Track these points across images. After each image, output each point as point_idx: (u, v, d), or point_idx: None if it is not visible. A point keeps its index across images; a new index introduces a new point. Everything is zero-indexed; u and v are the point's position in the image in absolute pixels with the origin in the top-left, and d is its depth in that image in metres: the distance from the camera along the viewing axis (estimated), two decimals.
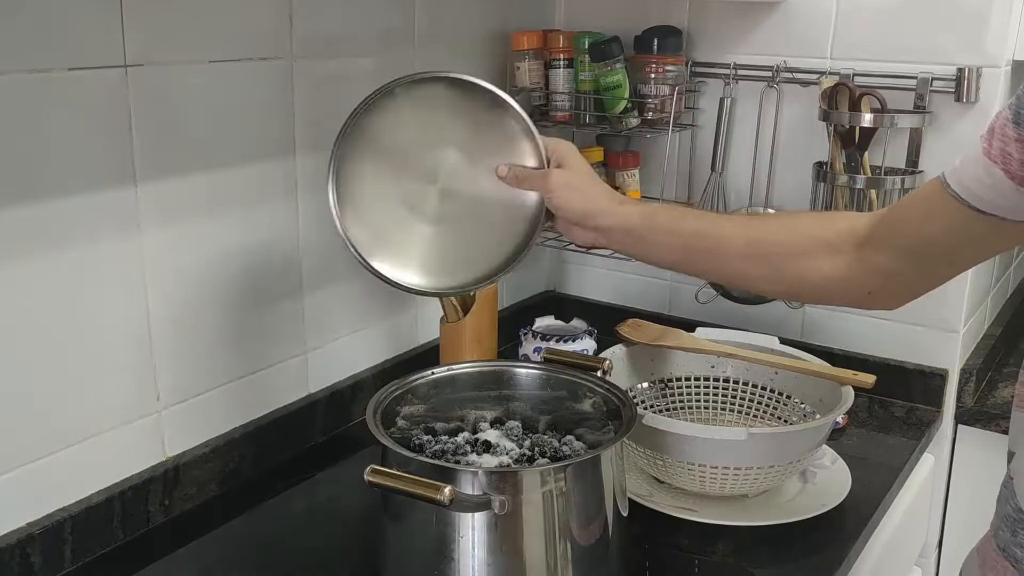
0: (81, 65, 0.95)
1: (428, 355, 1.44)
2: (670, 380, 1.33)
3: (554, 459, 1.02)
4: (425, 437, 1.05)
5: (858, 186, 1.39)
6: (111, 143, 1.00)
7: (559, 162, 1.06)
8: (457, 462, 1.01)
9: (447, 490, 0.82)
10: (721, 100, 1.54)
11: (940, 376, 1.47)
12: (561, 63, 1.52)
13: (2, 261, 0.92)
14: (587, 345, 1.49)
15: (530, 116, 1.07)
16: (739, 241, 0.99)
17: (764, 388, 1.29)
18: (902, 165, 1.42)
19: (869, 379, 1.19)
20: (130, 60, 0.99)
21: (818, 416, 1.20)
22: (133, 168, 1.02)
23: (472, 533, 0.89)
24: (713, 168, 1.57)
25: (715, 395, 1.32)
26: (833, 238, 0.96)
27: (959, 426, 1.50)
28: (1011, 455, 0.94)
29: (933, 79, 1.37)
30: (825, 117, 1.41)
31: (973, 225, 0.88)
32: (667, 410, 1.32)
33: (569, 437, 1.06)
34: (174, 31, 1.04)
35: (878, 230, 0.94)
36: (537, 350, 1.47)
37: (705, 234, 1.00)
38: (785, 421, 1.26)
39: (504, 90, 1.54)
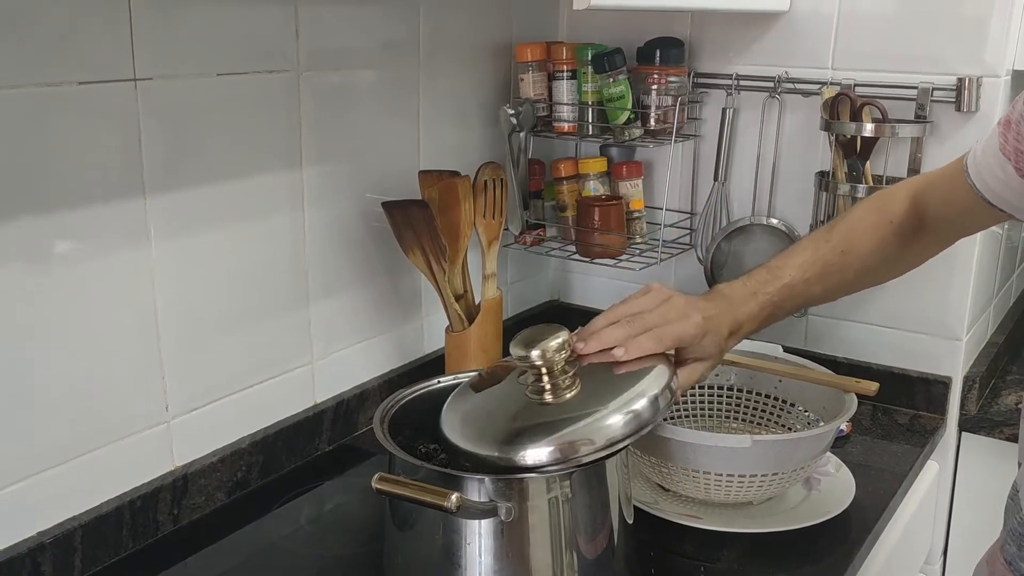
0: (91, 79, 0.97)
1: (434, 364, 1.45)
2: None
3: None
4: (431, 445, 1.05)
5: (860, 195, 1.40)
6: (120, 156, 1.01)
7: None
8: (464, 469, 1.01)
9: (454, 497, 0.82)
10: (723, 110, 1.55)
11: (943, 383, 1.48)
12: (564, 75, 1.53)
13: (11, 272, 0.94)
14: None
15: None
16: (818, 289, 1.08)
17: (768, 396, 1.30)
18: (903, 174, 1.43)
19: (872, 386, 1.20)
20: (139, 74, 1.01)
21: (822, 423, 1.21)
22: (142, 180, 1.04)
23: (479, 540, 0.89)
24: (716, 178, 1.58)
25: (719, 403, 1.33)
26: (891, 245, 1.06)
27: (963, 433, 1.51)
28: (1020, 465, 0.95)
29: (933, 89, 1.38)
30: (827, 127, 1.42)
31: (986, 213, 0.92)
32: (672, 418, 1.32)
33: None
34: (183, 45, 1.05)
35: (913, 214, 1.05)
36: None
37: (794, 299, 1.08)
38: (789, 429, 1.27)
39: (508, 102, 1.56)
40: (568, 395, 0.93)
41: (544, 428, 0.90)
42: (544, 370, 0.94)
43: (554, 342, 0.93)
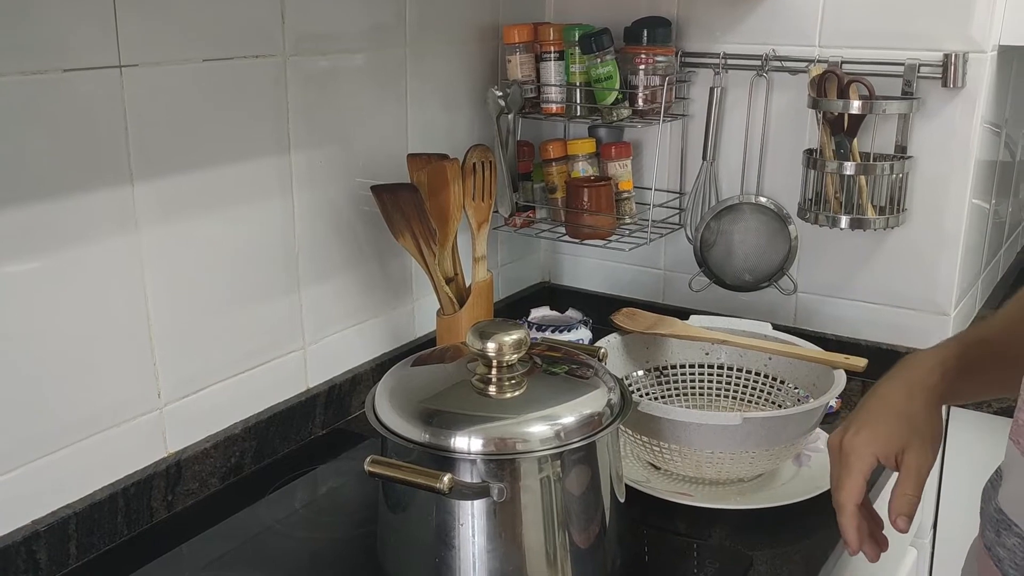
0: (76, 66, 0.96)
1: (425, 347, 1.45)
2: (665, 368, 1.34)
3: None
4: None
5: (847, 172, 1.41)
6: (107, 143, 1.01)
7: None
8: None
9: (446, 478, 0.83)
10: (711, 90, 1.55)
11: None
12: (552, 56, 1.53)
13: (1, 261, 0.93)
14: (582, 335, 1.51)
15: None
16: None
17: (758, 374, 1.31)
18: (891, 151, 1.44)
19: (861, 362, 1.20)
20: (124, 60, 1.00)
21: (812, 400, 1.21)
22: (130, 167, 1.03)
23: (472, 520, 0.90)
24: (704, 157, 1.58)
25: (710, 382, 1.34)
26: None
27: (951, 408, 1.52)
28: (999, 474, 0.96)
29: (920, 65, 1.39)
30: (814, 105, 1.42)
31: None
32: (663, 397, 1.33)
33: None
34: (168, 31, 1.05)
35: None
36: (533, 340, 1.48)
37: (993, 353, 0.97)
38: (779, 406, 1.27)
39: (496, 84, 1.56)
40: (509, 394, 0.94)
41: (474, 419, 0.90)
42: (495, 363, 0.95)
43: (510, 338, 0.94)
